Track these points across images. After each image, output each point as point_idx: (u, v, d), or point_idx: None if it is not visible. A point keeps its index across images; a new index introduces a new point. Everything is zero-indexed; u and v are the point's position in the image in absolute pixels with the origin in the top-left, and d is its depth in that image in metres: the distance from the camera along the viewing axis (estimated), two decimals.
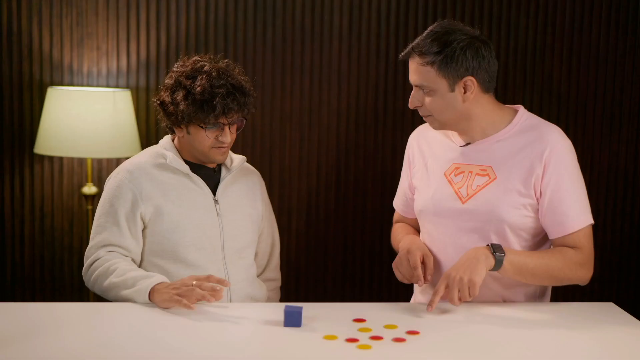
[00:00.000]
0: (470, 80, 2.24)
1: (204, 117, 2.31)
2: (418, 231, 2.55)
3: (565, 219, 2.25)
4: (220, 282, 2.18)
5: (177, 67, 2.39)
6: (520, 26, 3.67)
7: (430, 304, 2.16)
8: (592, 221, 2.30)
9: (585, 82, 3.71)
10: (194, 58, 2.40)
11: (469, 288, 2.13)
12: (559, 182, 2.25)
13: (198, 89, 2.30)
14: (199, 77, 2.32)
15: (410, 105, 2.32)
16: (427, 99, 2.27)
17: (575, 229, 2.26)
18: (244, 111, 2.37)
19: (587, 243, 2.28)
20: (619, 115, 3.72)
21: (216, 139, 2.35)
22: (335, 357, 1.87)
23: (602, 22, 3.66)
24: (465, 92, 2.25)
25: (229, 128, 2.36)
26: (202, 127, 2.33)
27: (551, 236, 2.29)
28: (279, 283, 2.66)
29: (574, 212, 2.26)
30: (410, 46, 2.28)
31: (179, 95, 2.32)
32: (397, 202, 2.60)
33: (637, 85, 3.68)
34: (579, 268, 2.26)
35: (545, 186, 2.25)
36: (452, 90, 2.25)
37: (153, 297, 2.17)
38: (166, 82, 2.40)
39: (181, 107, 2.31)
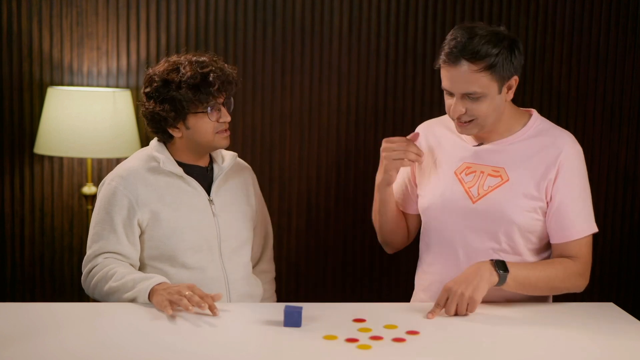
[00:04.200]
0: (515, 80, 2.22)
1: (206, 96, 2.32)
2: (412, 228, 2.53)
3: (570, 225, 2.25)
4: (215, 297, 2.16)
5: (153, 72, 2.38)
6: (520, 26, 3.67)
7: (431, 312, 2.16)
8: (595, 229, 2.30)
9: (585, 82, 3.70)
10: (160, 62, 2.41)
11: (468, 304, 2.14)
12: (569, 187, 2.25)
13: (188, 74, 2.32)
14: (182, 67, 2.34)
15: (454, 115, 2.23)
16: (474, 105, 2.20)
17: (579, 236, 2.26)
18: (236, 85, 2.40)
19: (586, 252, 2.28)
20: (619, 115, 3.71)
21: (217, 122, 2.37)
22: (335, 357, 1.87)
23: (602, 22, 3.66)
24: (507, 92, 2.22)
25: (225, 108, 2.39)
26: (203, 112, 2.34)
27: (553, 240, 2.29)
28: (273, 274, 2.67)
29: (580, 219, 2.26)
30: (452, 53, 2.16)
31: (171, 90, 2.32)
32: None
33: (637, 85, 3.67)
34: (577, 278, 2.27)
35: (556, 190, 2.24)
36: (500, 92, 2.21)
37: (152, 298, 2.17)
38: (145, 92, 2.38)
39: (178, 97, 2.32)
